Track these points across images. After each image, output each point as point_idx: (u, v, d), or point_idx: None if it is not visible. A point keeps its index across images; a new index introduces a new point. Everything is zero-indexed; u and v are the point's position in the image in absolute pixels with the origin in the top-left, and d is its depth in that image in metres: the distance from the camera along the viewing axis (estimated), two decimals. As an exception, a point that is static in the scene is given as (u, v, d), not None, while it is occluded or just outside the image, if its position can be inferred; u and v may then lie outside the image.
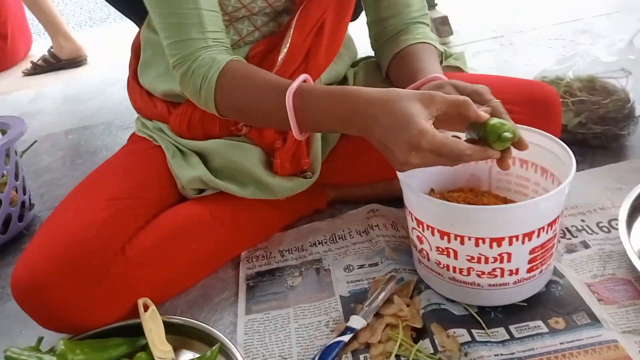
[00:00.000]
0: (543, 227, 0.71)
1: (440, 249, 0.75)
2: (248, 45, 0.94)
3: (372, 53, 1.05)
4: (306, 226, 1.02)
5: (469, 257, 0.73)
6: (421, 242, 0.79)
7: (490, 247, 0.71)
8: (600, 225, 0.91)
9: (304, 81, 0.78)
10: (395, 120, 0.66)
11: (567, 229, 0.91)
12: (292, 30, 0.91)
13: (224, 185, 0.92)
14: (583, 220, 0.92)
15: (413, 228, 0.79)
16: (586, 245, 0.87)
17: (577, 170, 1.09)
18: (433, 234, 0.75)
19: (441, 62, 1.01)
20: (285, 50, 0.91)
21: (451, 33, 1.85)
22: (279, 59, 0.91)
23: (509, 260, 0.72)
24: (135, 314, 0.80)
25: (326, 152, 0.99)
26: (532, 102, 0.92)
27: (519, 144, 0.69)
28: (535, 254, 0.73)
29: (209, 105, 0.83)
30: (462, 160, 0.67)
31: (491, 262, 0.73)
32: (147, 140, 1.02)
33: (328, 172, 1.02)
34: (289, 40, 0.91)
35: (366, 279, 0.87)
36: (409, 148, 0.65)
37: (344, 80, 1.06)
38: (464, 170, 0.91)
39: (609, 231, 0.90)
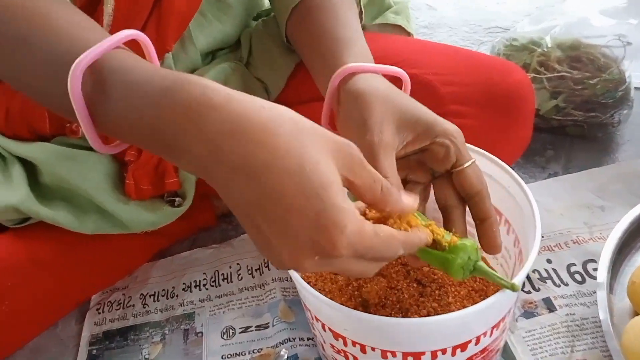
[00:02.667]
0: (485, 332, 0.47)
1: (335, 348, 0.51)
2: None
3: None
4: (184, 255, 0.76)
5: (375, 367, 0.49)
6: (313, 327, 0.54)
7: (405, 360, 0.47)
8: (573, 270, 0.67)
9: (132, 45, 0.42)
10: (289, 190, 0.33)
11: (527, 275, 0.67)
12: None
13: (51, 217, 0.64)
14: (549, 261, 0.68)
15: (303, 303, 0.54)
16: (550, 307, 0.63)
17: (548, 173, 0.85)
18: (324, 329, 0.50)
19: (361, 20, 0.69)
20: None
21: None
22: (107, 7, 0.56)
23: (433, 374, 0.48)
24: None
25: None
26: (491, 101, 0.65)
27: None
28: (474, 361, 0.50)
29: None
30: (386, 260, 0.39)
31: (407, 376, 0.49)
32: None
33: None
34: None
35: (249, 352, 0.63)
36: (310, 250, 0.34)
37: (236, 46, 0.75)
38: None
39: (583, 280, 0.66)
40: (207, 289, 0.70)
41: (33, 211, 0.64)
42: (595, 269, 0.66)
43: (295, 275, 0.47)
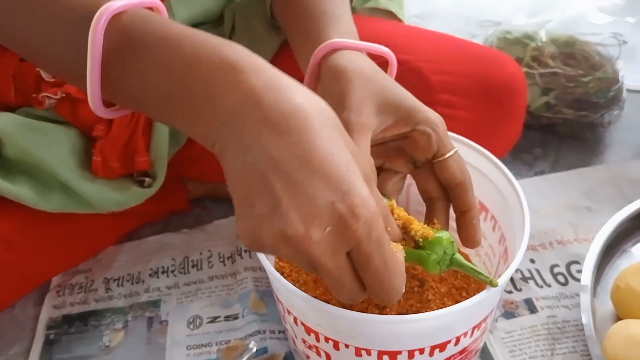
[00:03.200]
0: (466, 333, 0.45)
1: (307, 343, 0.48)
2: None
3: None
4: (153, 239, 0.72)
5: (348, 365, 0.46)
6: (285, 320, 0.51)
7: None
8: (556, 271, 0.65)
9: (150, 8, 0.39)
10: (324, 154, 0.31)
11: (509, 274, 0.65)
12: None
13: (12, 192, 0.60)
14: (532, 261, 0.66)
15: (275, 295, 0.51)
16: (532, 308, 0.61)
17: (535, 171, 0.83)
18: (296, 323, 0.47)
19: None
20: None
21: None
22: None
23: (408, 375, 0.46)
24: None
25: (180, 143, 0.67)
26: (483, 92, 0.62)
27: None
28: (452, 362, 0.47)
29: None
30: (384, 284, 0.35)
31: (381, 376, 0.46)
32: None
33: (186, 163, 0.71)
34: None
35: (216, 344, 0.59)
36: (327, 214, 0.31)
37: (218, 22, 0.71)
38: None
39: (566, 282, 0.64)
40: (175, 276, 0.67)
41: (-9, 185, 0.59)
42: (578, 271, 0.64)
43: (267, 265, 0.44)
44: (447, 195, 0.47)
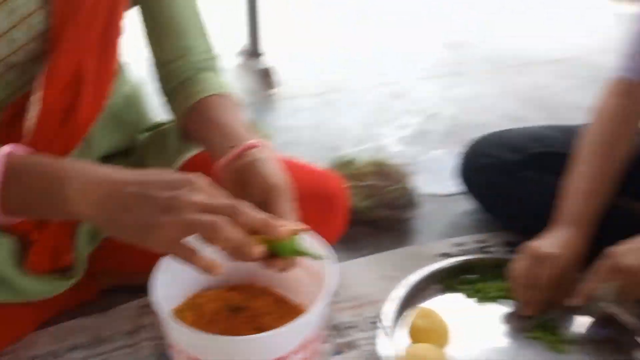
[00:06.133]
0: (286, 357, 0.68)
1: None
2: None
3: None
4: (68, 324, 0.90)
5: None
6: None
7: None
8: (372, 320, 0.93)
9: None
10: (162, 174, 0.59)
11: (335, 326, 0.91)
12: (41, 89, 0.75)
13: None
14: (356, 316, 0.94)
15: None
16: (355, 347, 0.87)
17: (362, 254, 1.14)
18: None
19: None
20: (34, 114, 0.75)
21: (275, 86, 1.84)
22: (28, 125, 0.75)
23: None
24: None
25: (97, 242, 0.89)
26: (315, 197, 0.91)
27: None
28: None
29: None
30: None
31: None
32: None
33: (100, 257, 0.92)
34: (40, 101, 0.75)
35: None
36: (167, 201, 0.56)
37: (131, 151, 0.96)
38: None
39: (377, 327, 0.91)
40: (88, 350, 0.85)
41: None
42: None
43: (159, 307, 0.66)
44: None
